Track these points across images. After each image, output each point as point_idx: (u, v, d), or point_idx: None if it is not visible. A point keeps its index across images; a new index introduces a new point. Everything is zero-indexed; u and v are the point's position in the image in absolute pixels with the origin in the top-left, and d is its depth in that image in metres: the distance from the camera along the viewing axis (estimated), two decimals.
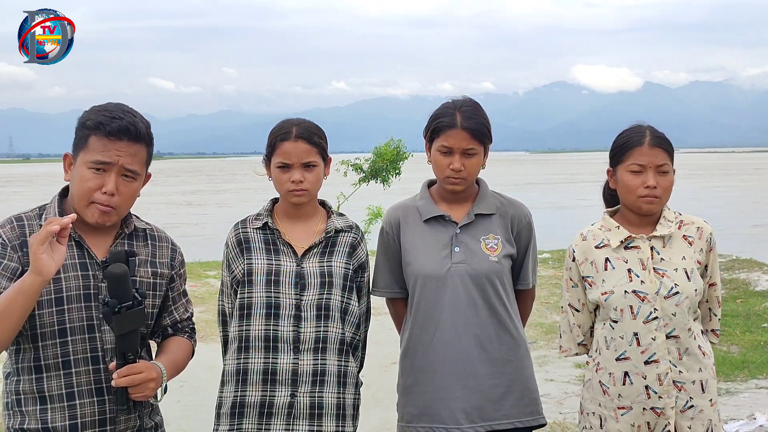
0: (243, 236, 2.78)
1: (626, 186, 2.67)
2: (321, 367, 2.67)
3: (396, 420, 2.96)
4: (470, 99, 2.84)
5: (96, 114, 2.23)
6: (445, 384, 2.78)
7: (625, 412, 2.65)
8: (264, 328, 2.67)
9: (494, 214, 2.86)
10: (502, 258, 2.81)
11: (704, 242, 2.71)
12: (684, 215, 2.76)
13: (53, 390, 2.18)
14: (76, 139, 2.25)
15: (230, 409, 2.68)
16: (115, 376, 2.14)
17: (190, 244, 19.02)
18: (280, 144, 2.72)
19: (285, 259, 2.72)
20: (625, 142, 2.69)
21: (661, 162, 2.64)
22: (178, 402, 5.87)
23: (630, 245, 2.69)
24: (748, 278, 10.66)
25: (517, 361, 2.83)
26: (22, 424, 2.18)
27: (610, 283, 2.67)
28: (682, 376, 2.62)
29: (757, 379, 6.50)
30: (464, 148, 2.74)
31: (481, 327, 2.77)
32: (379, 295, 2.99)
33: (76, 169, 2.24)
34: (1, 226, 2.20)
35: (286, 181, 2.71)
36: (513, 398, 2.80)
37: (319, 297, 2.69)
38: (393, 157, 17.52)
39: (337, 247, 2.78)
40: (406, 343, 2.88)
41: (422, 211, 2.87)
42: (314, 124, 2.80)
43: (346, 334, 2.74)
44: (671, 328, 2.61)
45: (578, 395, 5.96)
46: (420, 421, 2.82)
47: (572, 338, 2.85)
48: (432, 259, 2.80)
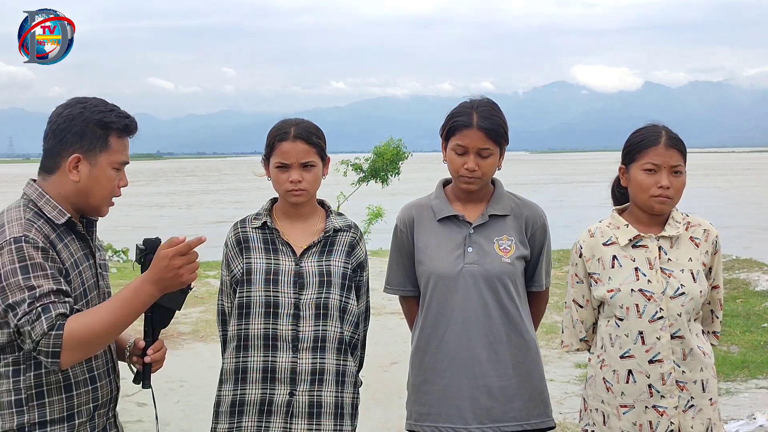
0: (242, 235, 2.79)
1: (639, 185, 2.67)
2: (320, 366, 2.68)
3: (395, 420, 2.96)
4: (488, 99, 2.82)
5: (107, 114, 2.25)
6: (453, 383, 2.77)
7: (627, 410, 2.66)
8: (263, 327, 2.68)
9: (509, 215, 2.85)
10: (516, 259, 2.80)
11: (710, 245, 2.72)
12: (691, 216, 2.77)
13: (78, 376, 2.21)
14: (89, 140, 2.23)
15: (230, 407, 2.69)
16: (150, 351, 2.29)
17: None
18: (278, 144, 2.72)
19: (284, 259, 2.73)
20: (641, 140, 2.69)
21: (676, 163, 2.64)
22: (178, 402, 5.86)
23: (638, 244, 2.69)
24: (748, 278, 10.66)
25: (528, 363, 2.83)
26: (42, 416, 2.16)
27: (616, 281, 2.68)
28: (685, 376, 2.63)
29: (757, 379, 6.50)
30: (479, 148, 2.73)
31: (492, 328, 2.77)
32: (391, 292, 3.00)
33: (95, 170, 2.25)
34: (27, 230, 2.12)
35: (285, 181, 2.72)
36: (522, 400, 2.80)
37: (318, 296, 2.70)
38: (393, 156, 17.52)
39: (336, 246, 2.79)
40: (417, 342, 2.88)
41: (436, 211, 2.87)
42: (313, 124, 2.80)
43: (345, 333, 2.75)
44: (676, 329, 2.62)
45: (578, 395, 5.97)
46: (427, 420, 2.81)
47: (574, 334, 2.86)
48: (445, 259, 2.80)
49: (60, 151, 2.24)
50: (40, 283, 2.05)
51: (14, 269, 2.06)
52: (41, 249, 2.10)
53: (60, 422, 2.18)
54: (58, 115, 2.27)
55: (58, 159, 2.25)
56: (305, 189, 2.72)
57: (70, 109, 2.26)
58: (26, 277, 2.05)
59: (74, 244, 2.25)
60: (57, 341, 2.01)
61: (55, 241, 2.17)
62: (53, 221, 2.20)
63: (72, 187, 2.25)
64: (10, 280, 2.05)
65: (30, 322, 2.01)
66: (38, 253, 2.09)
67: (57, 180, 2.26)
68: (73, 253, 2.23)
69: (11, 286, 2.05)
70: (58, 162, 2.25)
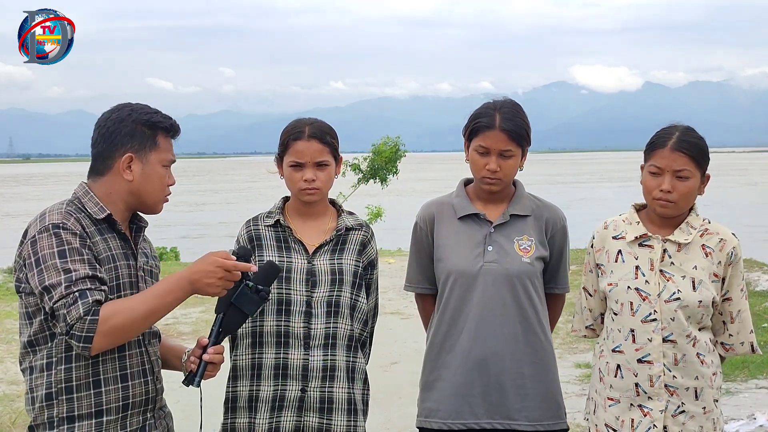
0: (254, 233, 2.81)
1: (645, 186, 2.67)
2: (330, 363, 2.71)
3: (395, 420, 2.97)
4: (511, 100, 2.84)
5: (153, 115, 2.34)
6: (467, 380, 2.78)
7: (613, 404, 2.67)
8: (275, 324, 2.71)
9: (529, 215, 2.86)
10: (535, 260, 2.81)
11: (724, 255, 2.66)
12: (712, 224, 2.71)
13: (108, 373, 2.23)
14: (140, 140, 2.30)
15: (246, 402, 2.72)
16: (210, 350, 2.32)
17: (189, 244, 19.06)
18: (293, 143, 2.75)
19: (296, 257, 2.76)
20: (653, 141, 2.68)
21: (680, 167, 2.59)
22: (178, 402, 5.86)
23: (644, 243, 2.68)
24: (748, 278, 10.66)
25: (543, 364, 2.83)
26: (71, 411, 2.19)
27: (616, 275, 2.69)
28: (676, 381, 2.61)
29: (757, 379, 6.51)
30: (501, 149, 2.74)
31: (509, 327, 2.77)
32: (409, 290, 3.03)
33: (148, 168, 2.32)
34: (66, 219, 2.18)
35: (299, 179, 2.74)
36: (535, 400, 2.80)
37: (330, 294, 2.72)
38: (391, 155, 17.53)
39: (348, 245, 2.81)
40: (432, 339, 2.89)
41: (457, 209, 2.88)
42: (326, 124, 2.83)
43: (355, 330, 2.77)
44: (669, 332, 2.61)
45: (578, 395, 5.97)
46: (437, 416, 2.82)
47: (581, 320, 2.89)
48: (464, 257, 2.81)
49: (111, 152, 2.31)
50: (77, 267, 2.10)
51: (52, 253, 2.11)
52: (79, 236, 2.17)
53: (88, 418, 2.21)
54: (106, 119, 2.33)
55: (109, 161, 2.31)
56: (319, 188, 2.74)
57: (117, 113, 2.33)
58: (63, 261, 2.10)
59: (113, 241, 2.29)
60: (92, 326, 2.06)
61: (93, 233, 2.23)
62: (93, 216, 2.25)
63: (125, 187, 2.32)
64: (47, 263, 2.10)
65: (66, 306, 2.06)
66: (76, 239, 2.15)
67: (109, 181, 2.32)
68: (111, 248, 2.27)
69: (48, 269, 2.10)
70: (109, 164, 2.31)
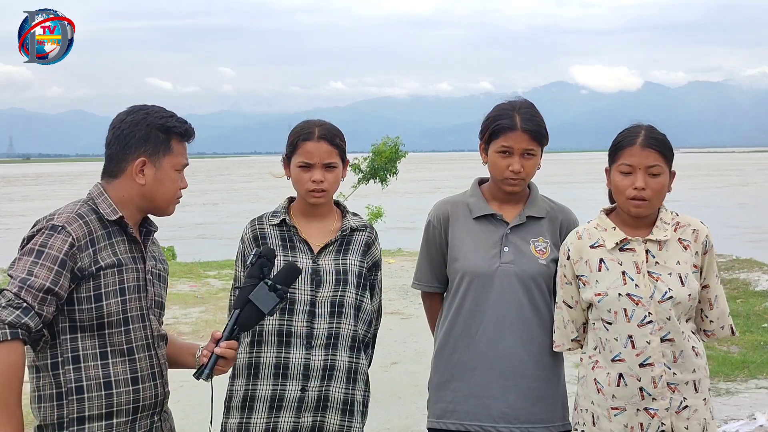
0: (259, 232, 2.81)
1: (616, 187, 2.65)
2: (331, 363, 2.70)
3: (395, 420, 2.96)
4: (526, 100, 2.85)
5: (168, 119, 2.33)
6: (483, 381, 2.77)
7: (618, 412, 2.65)
8: (278, 323, 2.70)
9: (544, 217, 2.86)
10: (550, 262, 2.81)
11: (700, 245, 2.68)
12: (681, 216, 2.74)
13: (119, 375, 2.24)
14: (153, 144, 2.30)
15: (241, 402, 2.71)
16: (223, 344, 2.33)
17: (188, 244, 19.04)
18: (302, 144, 2.75)
19: (301, 256, 2.75)
20: (619, 141, 2.68)
21: (652, 163, 2.60)
22: (179, 402, 5.86)
23: (625, 247, 2.67)
24: (748, 278, 10.67)
25: (555, 366, 2.84)
26: (81, 411, 2.19)
27: (603, 285, 2.66)
28: (676, 378, 2.61)
29: (757, 379, 6.51)
30: (524, 149, 2.75)
31: (525, 328, 2.77)
32: (419, 288, 3.02)
33: (161, 172, 2.32)
34: (70, 222, 2.19)
35: (307, 180, 2.74)
36: (548, 402, 2.81)
37: (334, 294, 2.72)
38: (391, 155, 17.50)
39: (352, 245, 2.82)
40: (443, 339, 2.88)
41: (473, 208, 2.87)
42: (335, 126, 2.84)
43: (358, 330, 2.77)
44: (666, 332, 2.60)
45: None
46: (452, 416, 2.81)
47: (566, 334, 2.85)
48: (481, 257, 2.80)
49: (125, 155, 2.30)
50: (40, 273, 2.09)
51: (32, 250, 2.14)
52: (72, 242, 2.16)
53: (98, 419, 2.21)
54: (120, 121, 2.32)
55: (123, 164, 2.31)
56: (326, 189, 2.75)
57: (132, 116, 2.32)
58: (34, 262, 2.11)
59: (123, 245, 2.29)
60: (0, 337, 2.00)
61: (100, 238, 2.23)
62: (105, 218, 2.25)
63: (138, 191, 2.32)
64: (24, 257, 2.13)
65: (7, 305, 2.03)
66: (65, 245, 2.14)
67: (121, 184, 2.32)
68: (119, 252, 2.27)
69: (20, 261, 2.13)
70: (123, 167, 2.31)
